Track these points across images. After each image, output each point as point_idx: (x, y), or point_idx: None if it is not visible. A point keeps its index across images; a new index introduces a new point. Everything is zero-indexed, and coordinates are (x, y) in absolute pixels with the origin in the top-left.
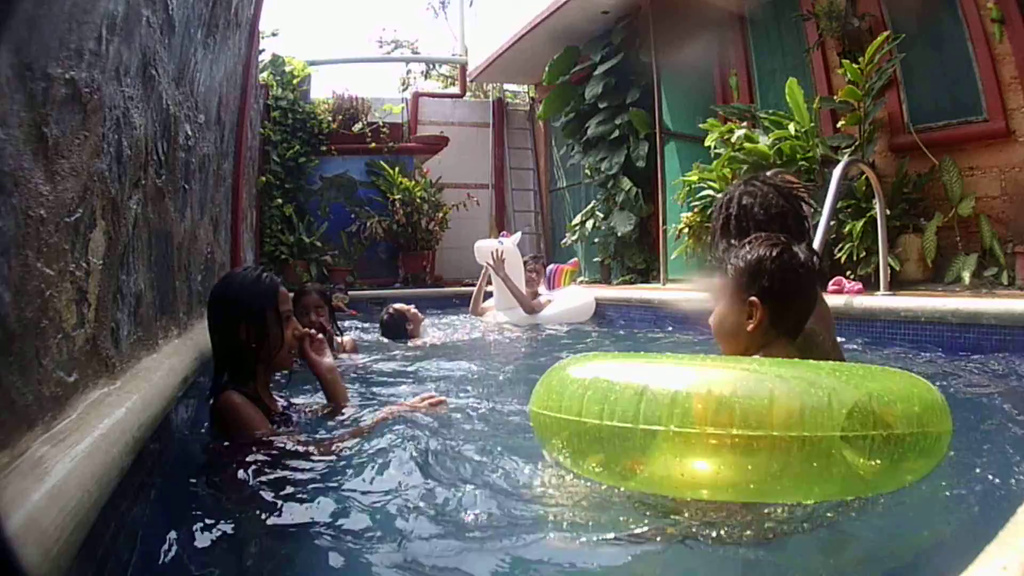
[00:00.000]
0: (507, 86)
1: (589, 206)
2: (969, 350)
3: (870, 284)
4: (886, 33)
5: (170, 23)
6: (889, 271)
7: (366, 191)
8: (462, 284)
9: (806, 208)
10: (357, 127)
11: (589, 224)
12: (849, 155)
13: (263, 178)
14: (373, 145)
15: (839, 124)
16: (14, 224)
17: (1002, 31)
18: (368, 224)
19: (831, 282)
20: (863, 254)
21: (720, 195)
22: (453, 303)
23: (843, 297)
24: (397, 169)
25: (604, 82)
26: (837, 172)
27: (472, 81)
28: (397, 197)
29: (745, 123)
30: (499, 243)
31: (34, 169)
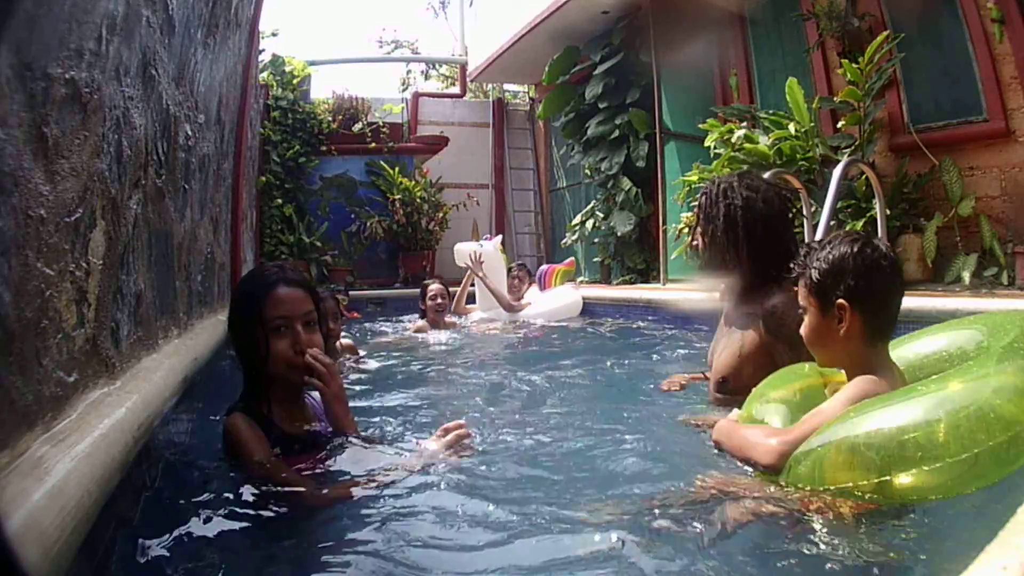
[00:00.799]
0: (507, 86)
1: (589, 206)
2: None
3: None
4: (886, 33)
5: (170, 23)
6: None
7: (366, 191)
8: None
9: (804, 206)
10: (357, 127)
11: (589, 224)
12: (849, 155)
13: (263, 178)
14: (373, 145)
15: (839, 124)
16: (14, 224)
17: (1002, 31)
18: (368, 224)
19: None
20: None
21: (706, 185)
22: None
23: None
24: (397, 169)
25: (604, 82)
26: (837, 172)
27: (472, 81)
28: (397, 197)
29: (745, 123)
30: (479, 246)
31: (34, 169)
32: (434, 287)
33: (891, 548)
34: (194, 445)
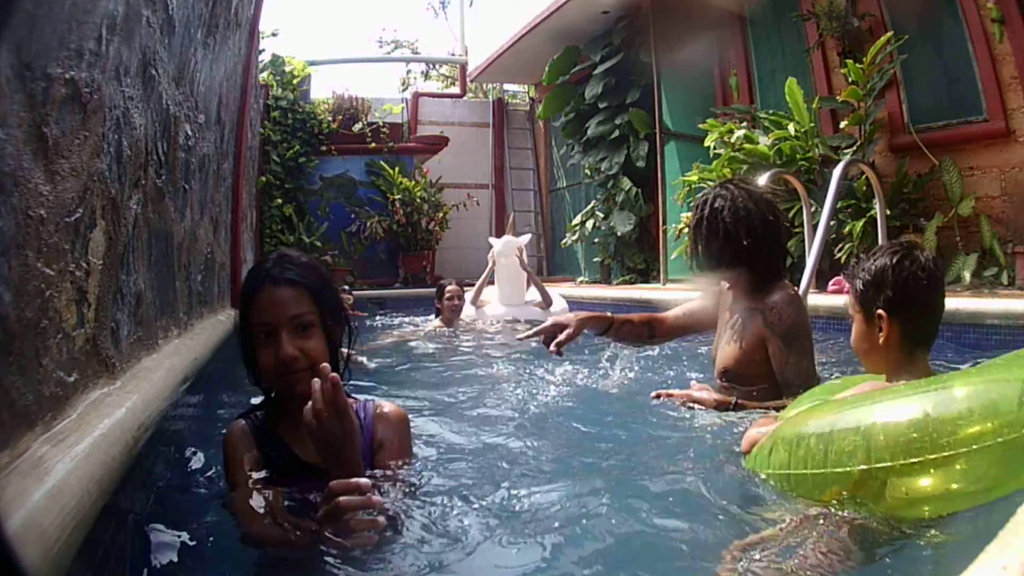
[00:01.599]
0: (507, 86)
1: (589, 206)
2: (970, 349)
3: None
4: (889, 34)
5: (170, 23)
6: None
7: (366, 191)
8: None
9: (804, 209)
10: (357, 127)
11: (589, 224)
12: (849, 155)
13: (263, 178)
14: (373, 145)
15: (841, 124)
16: (14, 224)
17: (1002, 31)
18: (368, 224)
19: (831, 282)
20: (863, 254)
21: (698, 196)
22: None
23: (843, 297)
24: (397, 169)
25: (604, 82)
26: (837, 172)
27: (472, 81)
28: (397, 197)
29: (745, 123)
30: (519, 240)
31: (34, 169)
32: (451, 288)
33: (891, 549)
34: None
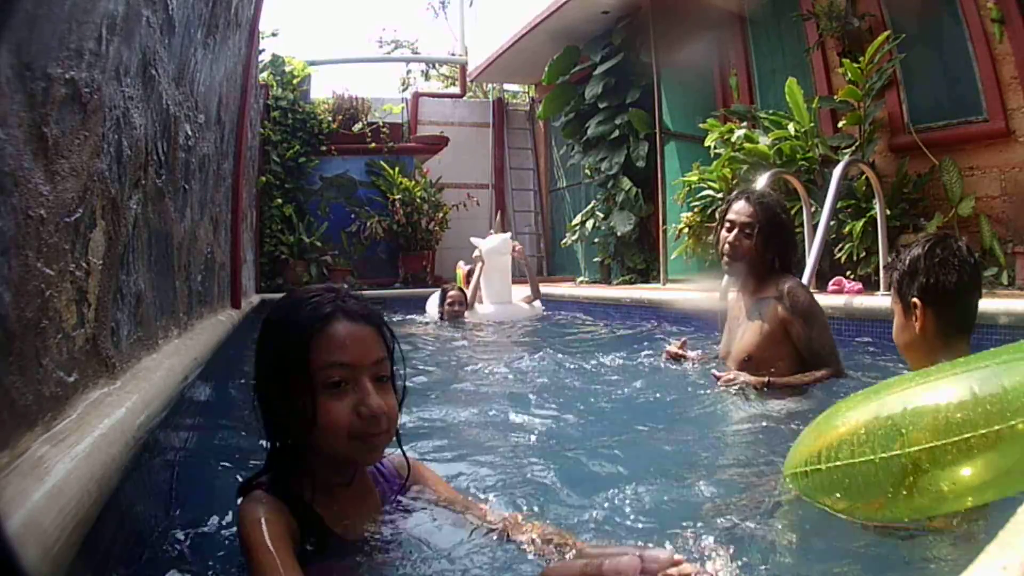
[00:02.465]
0: (507, 86)
1: (589, 206)
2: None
3: (870, 284)
4: (887, 33)
5: (170, 23)
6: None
7: (366, 191)
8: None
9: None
10: (357, 127)
11: (589, 224)
12: (849, 155)
13: (263, 178)
14: (373, 145)
15: (839, 124)
16: (14, 224)
17: (1002, 31)
18: (368, 224)
19: (831, 282)
20: (863, 254)
21: (745, 195)
22: None
23: (843, 297)
24: (397, 169)
25: (604, 82)
26: (837, 172)
27: (472, 81)
28: (397, 197)
29: (745, 123)
30: (506, 237)
31: (34, 169)
32: (453, 293)
33: (891, 548)
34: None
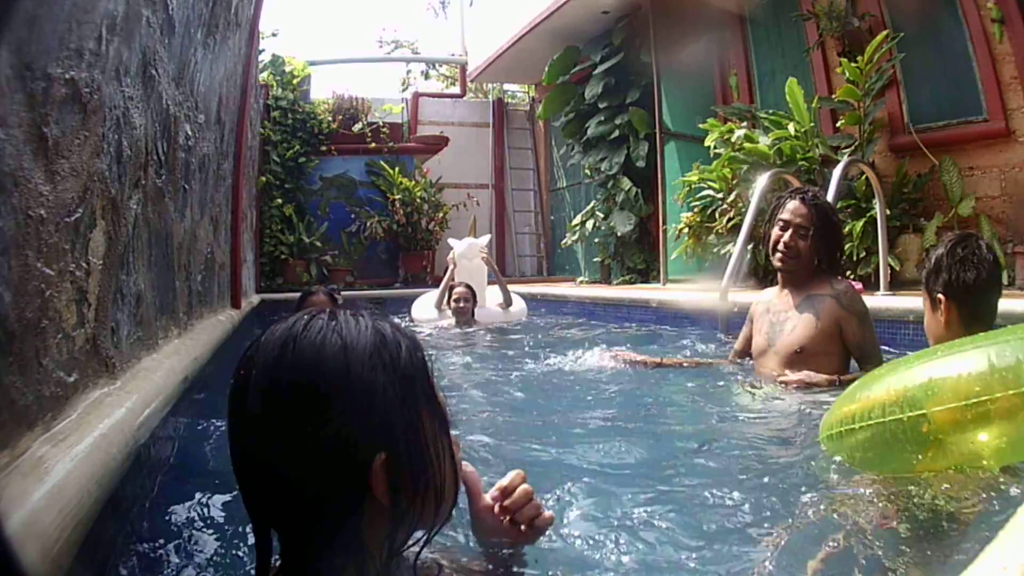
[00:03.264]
0: (507, 86)
1: (589, 206)
2: None
3: (870, 284)
4: (885, 32)
5: (170, 23)
6: (889, 271)
7: (366, 191)
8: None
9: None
10: (357, 127)
11: (589, 224)
12: (849, 155)
13: (263, 178)
14: (373, 145)
15: (838, 123)
16: (14, 224)
17: (1002, 31)
18: (368, 224)
19: None
20: (863, 254)
21: (799, 195)
22: None
23: None
24: (397, 169)
25: (604, 82)
26: (837, 172)
27: (472, 81)
28: (397, 197)
29: (745, 123)
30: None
31: (34, 169)
32: (459, 290)
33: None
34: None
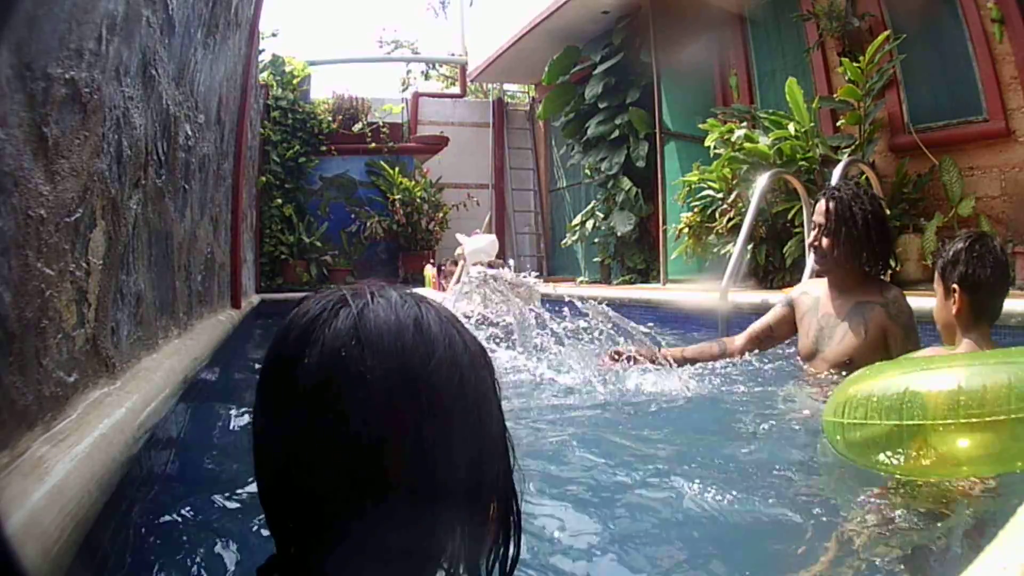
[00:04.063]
0: (507, 86)
1: (589, 206)
2: None
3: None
4: (886, 33)
5: (170, 23)
6: (889, 271)
7: (366, 191)
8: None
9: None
10: (357, 127)
11: (589, 224)
12: (849, 155)
13: (263, 178)
14: (373, 145)
15: (839, 123)
16: (14, 224)
17: (1002, 31)
18: (368, 224)
19: None
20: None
21: (828, 192)
22: None
23: None
24: (397, 169)
25: (604, 82)
26: (837, 172)
27: (472, 81)
28: (397, 197)
29: (745, 123)
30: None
31: (34, 169)
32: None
33: (892, 548)
34: (197, 443)
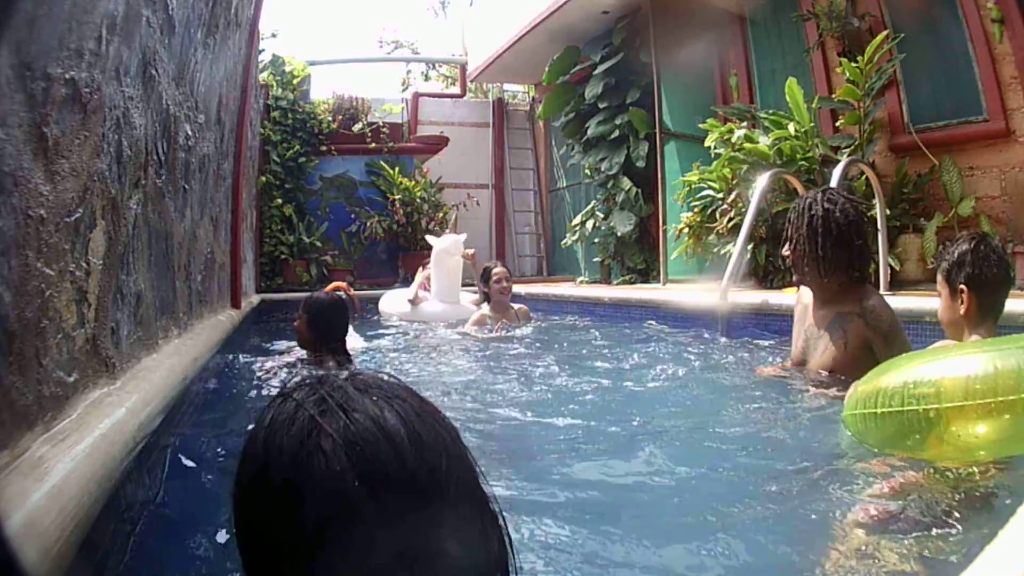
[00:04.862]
0: (507, 86)
1: (589, 206)
2: None
3: (870, 284)
4: (885, 32)
5: (170, 23)
6: (889, 271)
7: (366, 191)
8: (463, 284)
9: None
10: (357, 127)
11: (589, 224)
12: (849, 155)
13: (263, 178)
14: (373, 145)
15: (838, 123)
16: (14, 224)
17: (1002, 31)
18: (368, 224)
19: None
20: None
21: (796, 203)
22: None
23: None
24: (397, 169)
25: (604, 82)
26: (837, 172)
27: (472, 81)
28: (397, 197)
29: (745, 123)
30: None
31: (34, 169)
32: (498, 270)
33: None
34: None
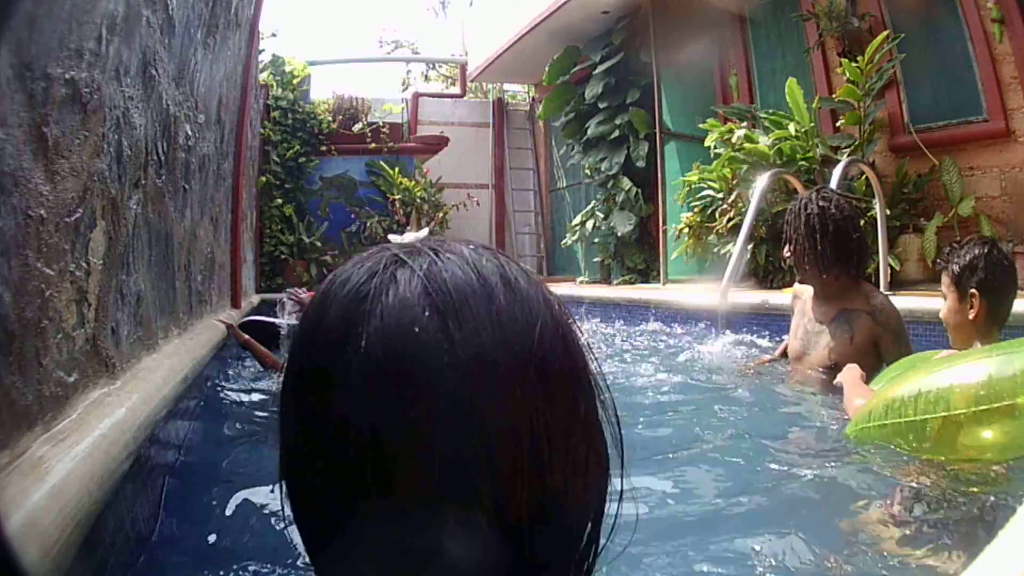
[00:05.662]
0: (507, 86)
1: (589, 206)
2: None
3: (870, 284)
4: (886, 33)
5: (170, 23)
6: (889, 271)
7: (366, 191)
8: None
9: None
10: (357, 127)
11: (589, 224)
12: (849, 155)
13: (263, 178)
14: (373, 145)
15: (838, 123)
16: (14, 224)
17: (1002, 31)
18: (368, 224)
19: None
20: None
21: (792, 205)
22: None
23: None
24: (397, 169)
25: (604, 82)
26: (837, 172)
27: (472, 81)
28: (397, 197)
29: (745, 123)
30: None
31: (34, 169)
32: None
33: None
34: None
